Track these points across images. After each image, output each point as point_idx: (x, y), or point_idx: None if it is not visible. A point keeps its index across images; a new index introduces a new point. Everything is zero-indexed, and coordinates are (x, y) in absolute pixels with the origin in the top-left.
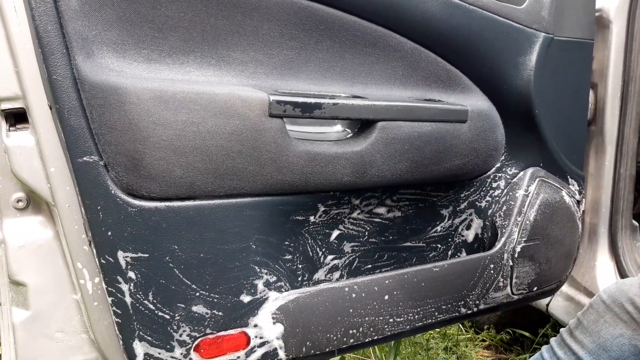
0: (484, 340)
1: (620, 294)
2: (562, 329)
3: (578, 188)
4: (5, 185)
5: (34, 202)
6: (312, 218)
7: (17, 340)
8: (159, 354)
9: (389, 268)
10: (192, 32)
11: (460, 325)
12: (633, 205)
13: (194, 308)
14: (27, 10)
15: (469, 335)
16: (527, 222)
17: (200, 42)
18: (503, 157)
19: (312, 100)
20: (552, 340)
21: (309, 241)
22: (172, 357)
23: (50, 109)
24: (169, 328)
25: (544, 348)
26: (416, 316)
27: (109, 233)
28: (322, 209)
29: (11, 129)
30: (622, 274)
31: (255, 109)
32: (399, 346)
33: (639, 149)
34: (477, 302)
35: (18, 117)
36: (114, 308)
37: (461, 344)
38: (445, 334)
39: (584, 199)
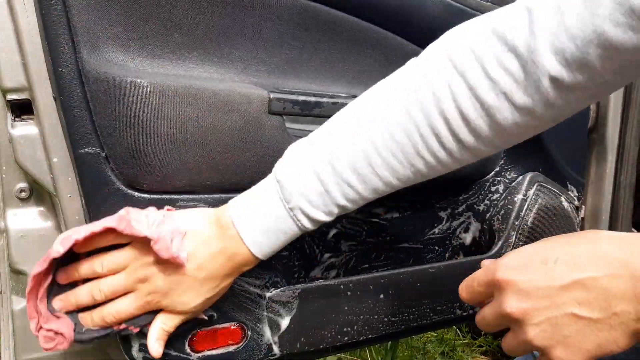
0: (481, 346)
1: None
2: None
3: (577, 194)
4: (10, 175)
5: (36, 192)
6: None
7: (16, 329)
8: None
9: (385, 268)
10: (195, 29)
11: (457, 330)
12: (632, 213)
13: None
14: (35, 3)
15: (466, 341)
16: (525, 226)
17: (203, 39)
18: (502, 161)
19: (312, 99)
20: None
21: (306, 238)
22: (166, 348)
23: (55, 100)
24: None
25: None
26: (411, 316)
27: None
28: None
29: (16, 119)
30: None
31: (255, 105)
32: (395, 349)
33: (639, 156)
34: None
35: (23, 109)
36: None
37: (458, 349)
38: (443, 339)
39: (583, 205)
